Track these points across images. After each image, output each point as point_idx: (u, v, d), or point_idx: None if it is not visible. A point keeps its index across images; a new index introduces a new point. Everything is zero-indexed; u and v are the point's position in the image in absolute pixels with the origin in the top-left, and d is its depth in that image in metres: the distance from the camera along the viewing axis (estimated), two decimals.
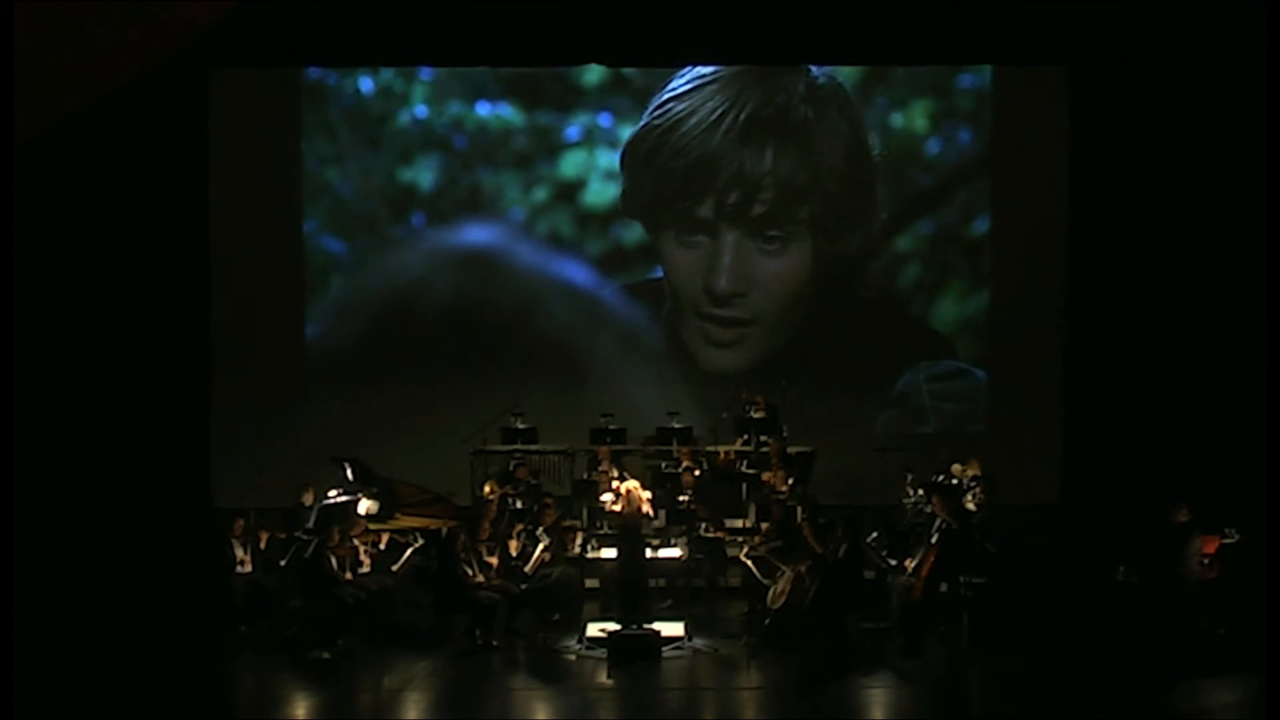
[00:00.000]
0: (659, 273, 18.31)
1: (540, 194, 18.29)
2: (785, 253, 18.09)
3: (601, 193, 18.24)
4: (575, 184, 18.30)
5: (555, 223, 18.27)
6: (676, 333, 18.31)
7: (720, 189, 17.97)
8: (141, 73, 13.18)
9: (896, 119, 18.22)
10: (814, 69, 17.98)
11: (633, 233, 18.29)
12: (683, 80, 18.05)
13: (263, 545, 14.09)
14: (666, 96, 18.07)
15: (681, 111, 18.02)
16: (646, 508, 13.59)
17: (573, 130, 18.29)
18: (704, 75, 18.01)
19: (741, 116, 17.93)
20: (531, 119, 18.23)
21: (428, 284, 18.18)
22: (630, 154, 18.16)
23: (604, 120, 18.26)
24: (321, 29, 17.14)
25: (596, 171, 18.26)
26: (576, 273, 18.24)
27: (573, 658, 12.70)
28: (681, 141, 18.01)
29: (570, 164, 18.29)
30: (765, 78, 17.95)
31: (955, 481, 14.85)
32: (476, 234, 18.21)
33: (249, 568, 13.95)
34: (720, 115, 17.96)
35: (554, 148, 18.29)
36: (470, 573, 13.24)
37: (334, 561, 13.33)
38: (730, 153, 17.93)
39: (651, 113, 18.09)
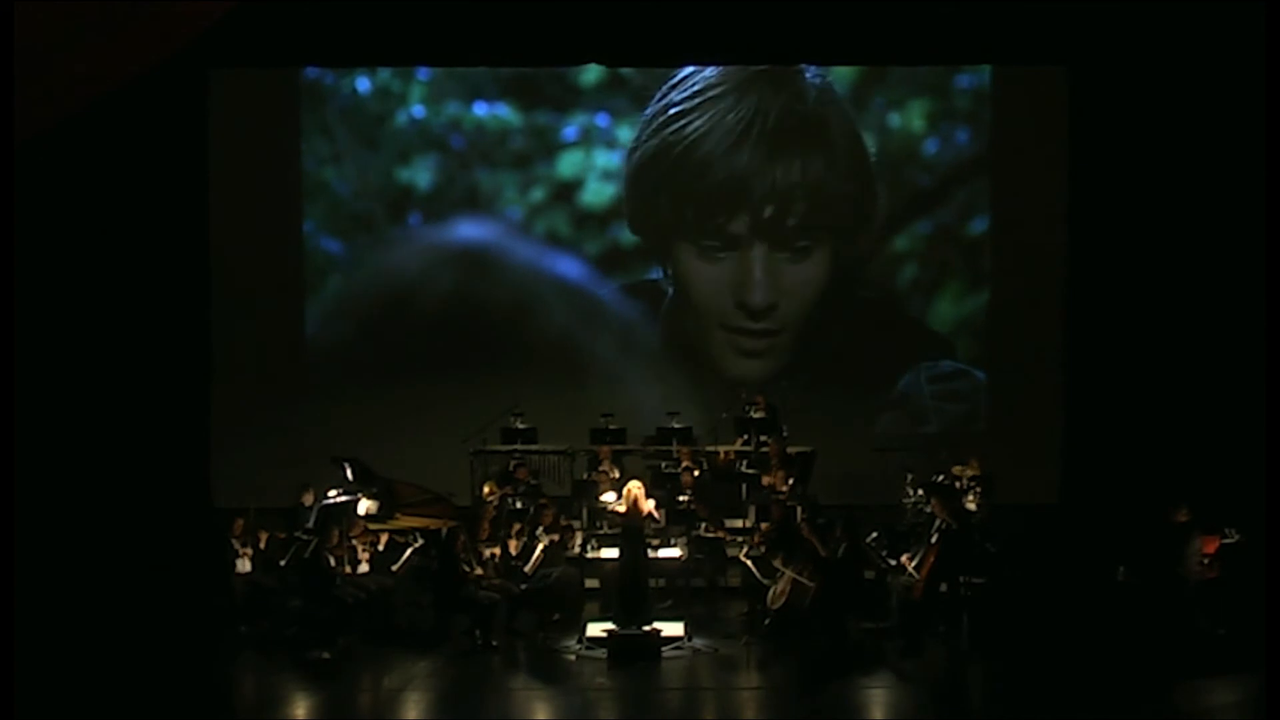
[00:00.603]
0: (656, 274, 18.31)
1: (538, 194, 18.30)
2: (809, 259, 18.13)
3: (599, 193, 18.26)
4: (573, 184, 18.31)
5: (553, 222, 18.27)
6: (693, 341, 18.32)
7: (755, 204, 17.98)
8: (141, 73, 13.17)
9: (894, 119, 18.23)
10: (806, 73, 17.98)
11: (630, 233, 18.29)
12: (685, 94, 18.04)
13: (263, 545, 14.08)
14: (675, 111, 18.05)
15: (700, 128, 17.99)
16: (647, 508, 13.53)
17: (570, 130, 18.29)
18: (709, 86, 18.00)
19: (765, 128, 17.96)
20: (529, 119, 18.24)
21: (427, 284, 18.19)
22: (643, 173, 18.17)
23: (601, 120, 18.27)
24: (320, 29, 17.15)
25: (594, 171, 18.27)
26: (577, 273, 18.24)
27: (573, 658, 12.69)
28: (708, 159, 17.99)
29: (568, 164, 18.30)
30: (776, 85, 17.96)
31: (955, 482, 14.85)
32: (477, 234, 18.21)
33: (249, 568, 13.95)
34: (744, 130, 17.95)
35: (551, 148, 18.30)
36: (470, 572, 13.24)
37: (333, 561, 13.32)
38: (761, 167, 17.95)
39: (661, 128, 18.08)
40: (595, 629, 12.93)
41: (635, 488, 13.32)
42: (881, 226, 18.21)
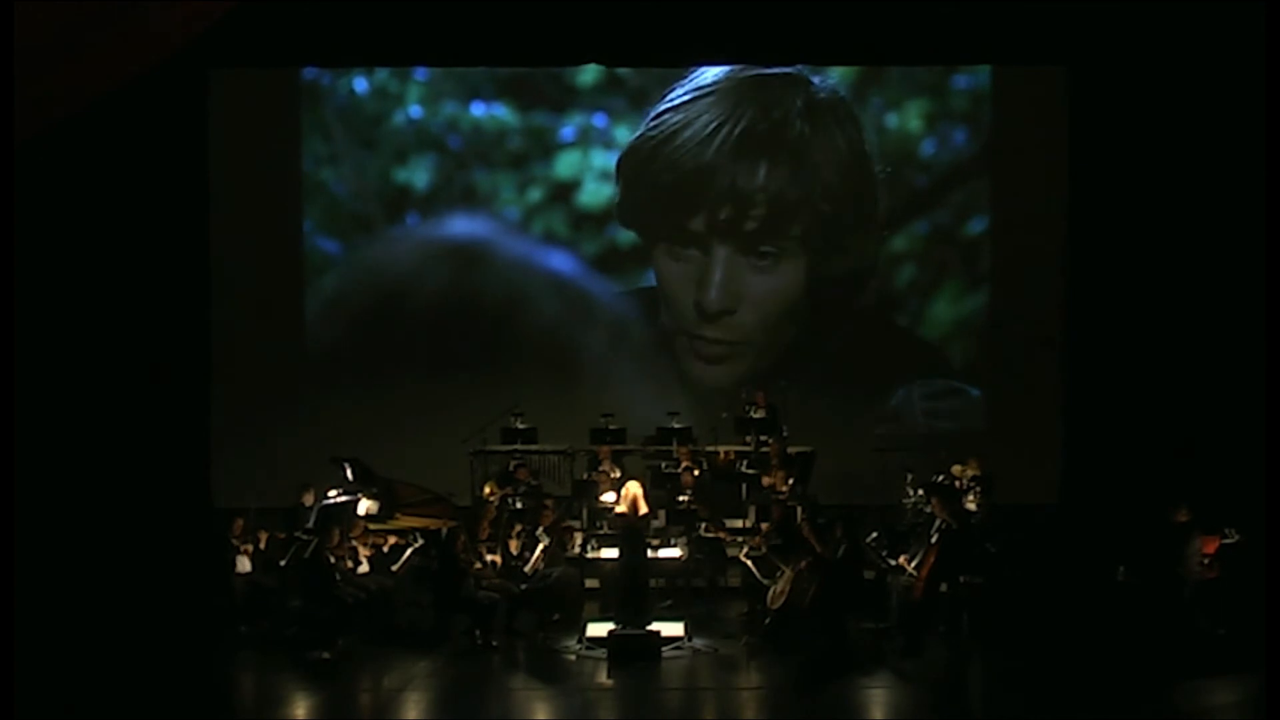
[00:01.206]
0: (653, 277, 18.34)
1: (535, 194, 18.29)
2: (777, 269, 18.11)
3: (596, 193, 18.26)
4: (570, 184, 18.30)
5: (550, 223, 18.27)
6: (670, 343, 18.31)
7: (712, 203, 18.00)
8: (141, 73, 13.17)
9: (891, 119, 18.22)
10: (815, 80, 17.99)
11: (627, 234, 18.29)
12: (682, 90, 18.05)
13: (263, 545, 14.07)
14: (664, 107, 18.07)
15: (677, 123, 18.04)
16: (644, 508, 13.51)
17: (567, 131, 18.29)
18: (702, 87, 18.02)
19: (736, 130, 17.97)
20: (526, 119, 18.24)
21: (426, 284, 18.19)
22: (626, 164, 18.19)
23: (599, 121, 18.27)
24: (319, 29, 17.15)
25: (591, 172, 18.27)
26: (576, 273, 18.23)
27: (573, 658, 12.69)
28: (676, 154, 18.04)
29: (565, 164, 18.30)
30: (763, 90, 17.97)
31: (955, 482, 14.85)
32: (476, 234, 18.21)
33: (249, 567, 13.94)
34: (715, 128, 17.98)
35: (549, 148, 18.30)
36: (470, 572, 13.23)
37: (334, 561, 13.32)
38: (723, 167, 17.97)
39: (649, 122, 18.11)
40: (595, 629, 12.92)
41: (633, 487, 13.32)
42: (874, 243, 18.18)
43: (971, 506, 14.44)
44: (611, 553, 14.07)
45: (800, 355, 18.10)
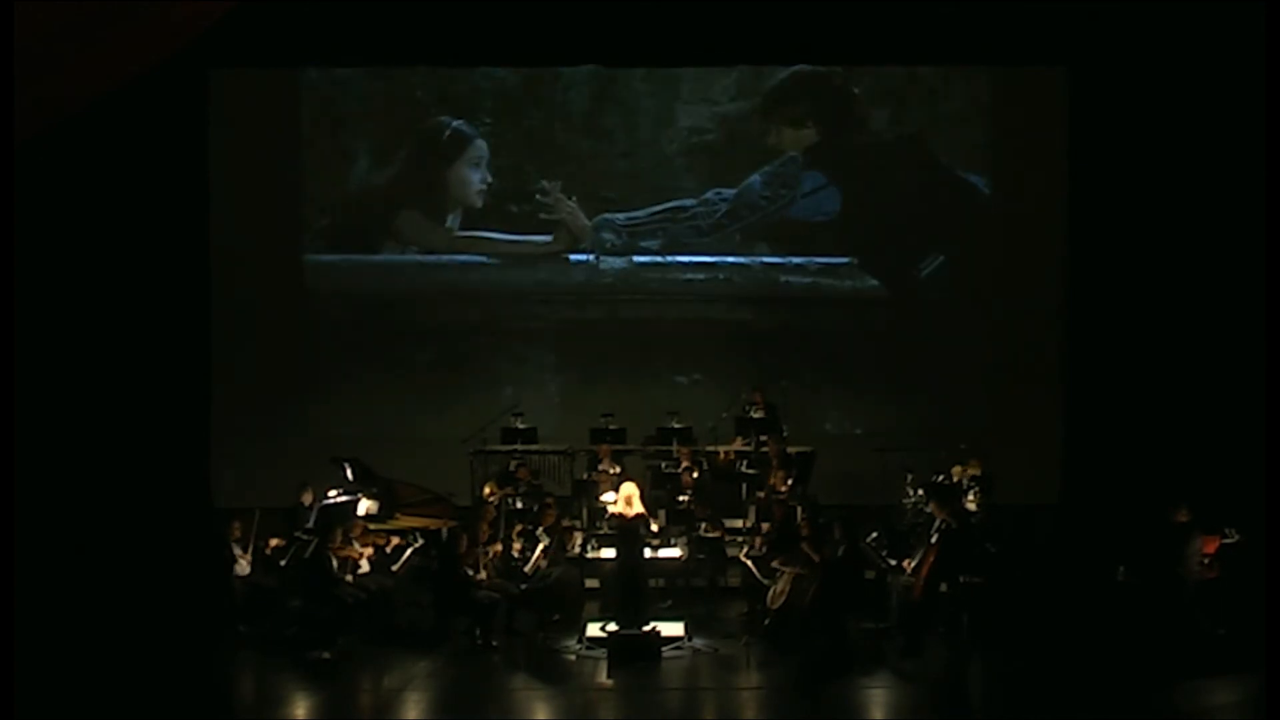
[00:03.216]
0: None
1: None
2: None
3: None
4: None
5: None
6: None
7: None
8: (141, 73, 13.18)
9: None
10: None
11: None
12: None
13: (267, 550, 14.04)
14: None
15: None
16: (639, 508, 13.49)
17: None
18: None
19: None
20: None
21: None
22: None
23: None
24: (320, 29, 17.16)
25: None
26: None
27: (573, 658, 12.70)
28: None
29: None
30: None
31: (955, 481, 14.85)
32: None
33: (247, 570, 13.94)
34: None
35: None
36: (470, 573, 13.23)
37: (334, 561, 13.31)
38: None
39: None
40: (595, 629, 12.93)
41: (627, 487, 13.32)
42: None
43: (971, 506, 14.44)
44: (611, 553, 14.07)
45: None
